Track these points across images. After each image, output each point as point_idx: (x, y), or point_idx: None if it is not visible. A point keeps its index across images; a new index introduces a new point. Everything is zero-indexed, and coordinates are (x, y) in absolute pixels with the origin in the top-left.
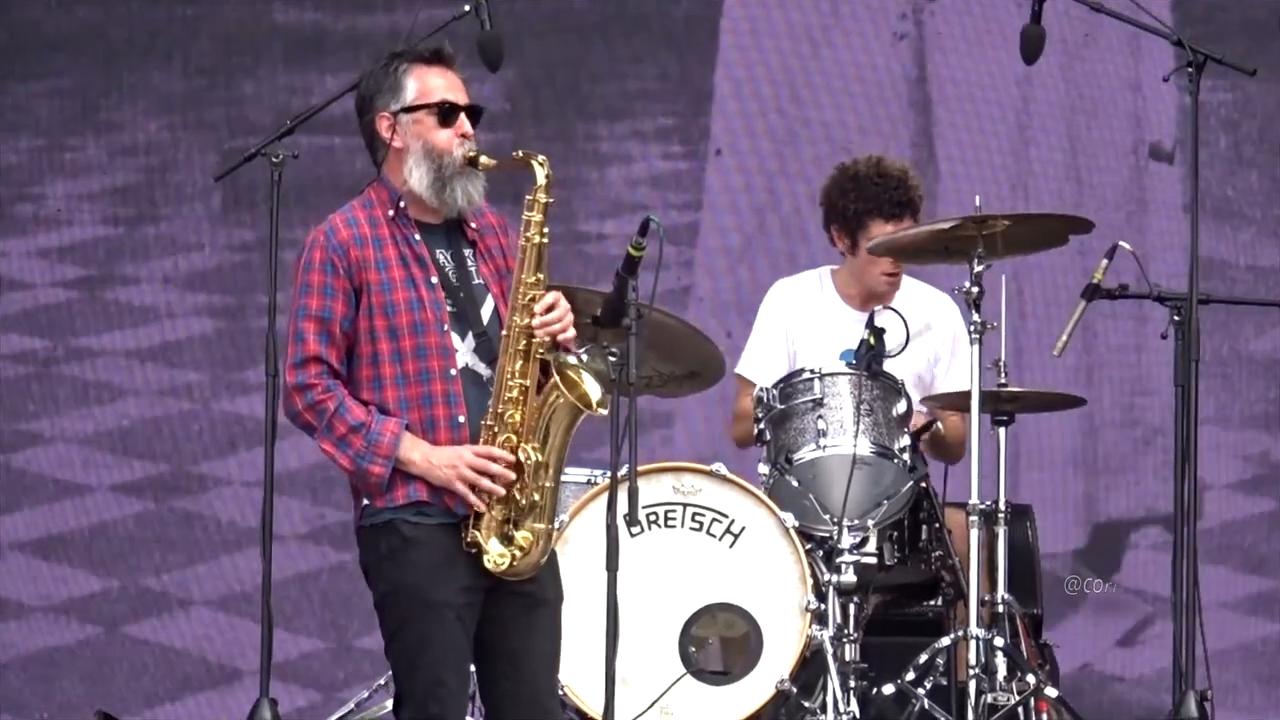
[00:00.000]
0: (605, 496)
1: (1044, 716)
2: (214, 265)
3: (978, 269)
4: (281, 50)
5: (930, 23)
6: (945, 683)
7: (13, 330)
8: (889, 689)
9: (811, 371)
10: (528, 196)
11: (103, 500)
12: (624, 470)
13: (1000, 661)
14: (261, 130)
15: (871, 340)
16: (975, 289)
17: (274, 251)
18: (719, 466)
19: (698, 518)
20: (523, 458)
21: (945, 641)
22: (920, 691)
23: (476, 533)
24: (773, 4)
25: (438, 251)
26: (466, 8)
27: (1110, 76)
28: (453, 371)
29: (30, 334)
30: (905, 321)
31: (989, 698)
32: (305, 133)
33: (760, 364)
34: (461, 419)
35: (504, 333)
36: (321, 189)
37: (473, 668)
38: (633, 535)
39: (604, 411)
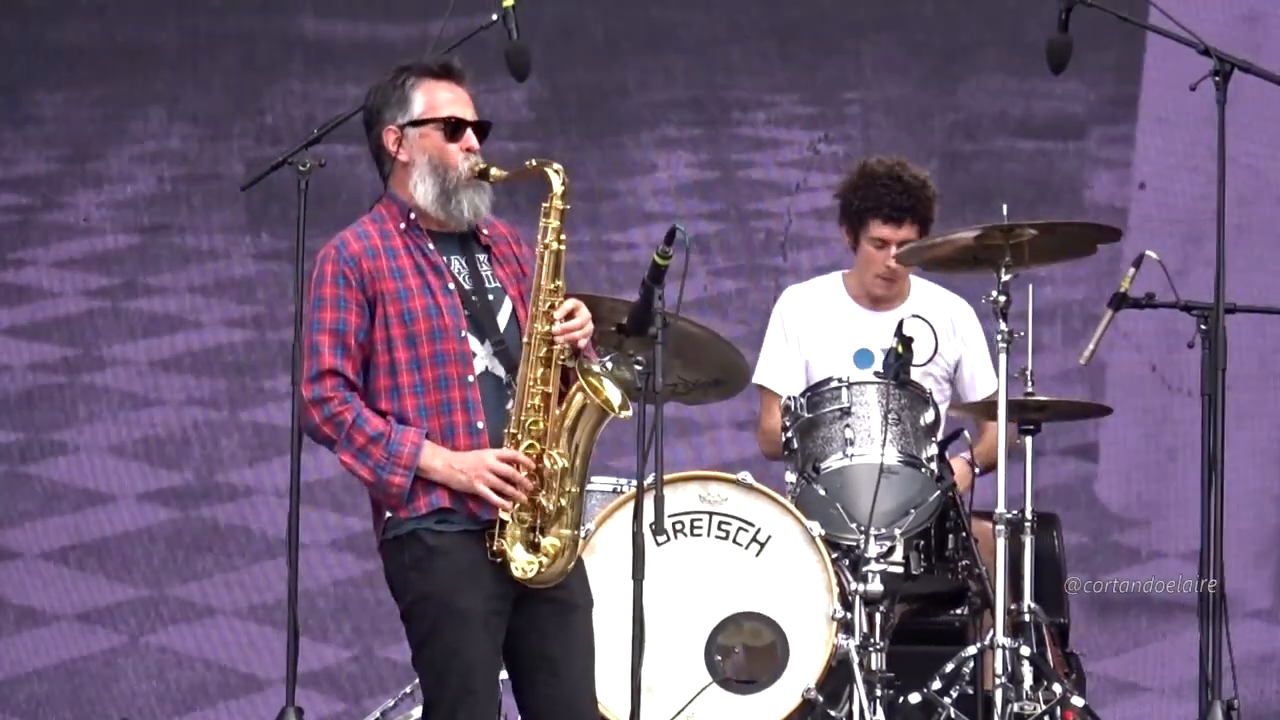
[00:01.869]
0: (631, 505)
1: None
2: (240, 274)
3: (1005, 278)
4: (307, 59)
5: None
6: (971, 692)
7: (39, 339)
8: (915, 698)
9: (839, 380)
10: (544, 204)
11: (129, 509)
12: (650, 479)
13: (1026, 671)
14: (287, 139)
15: (900, 349)
16: (1003, 298)
17: (300, 260)
18: (745, 475)
19: (724, 526)
20: (547, 464)
21: (972, 650)
22: (946, 700)
23: (502, 541)
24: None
25: (452, 258)
26: (494, 17)
27: None
28: (470, 378)
29: (57, 343)
30: (934, 330)
31: (1015, 707)
32: (331, 142)
33: (775, 371)
34: (480, 425)
35: (524, 340)
36: (348, 198)
37: (505, 676)
38: (659, 544)
39: (627, 414)
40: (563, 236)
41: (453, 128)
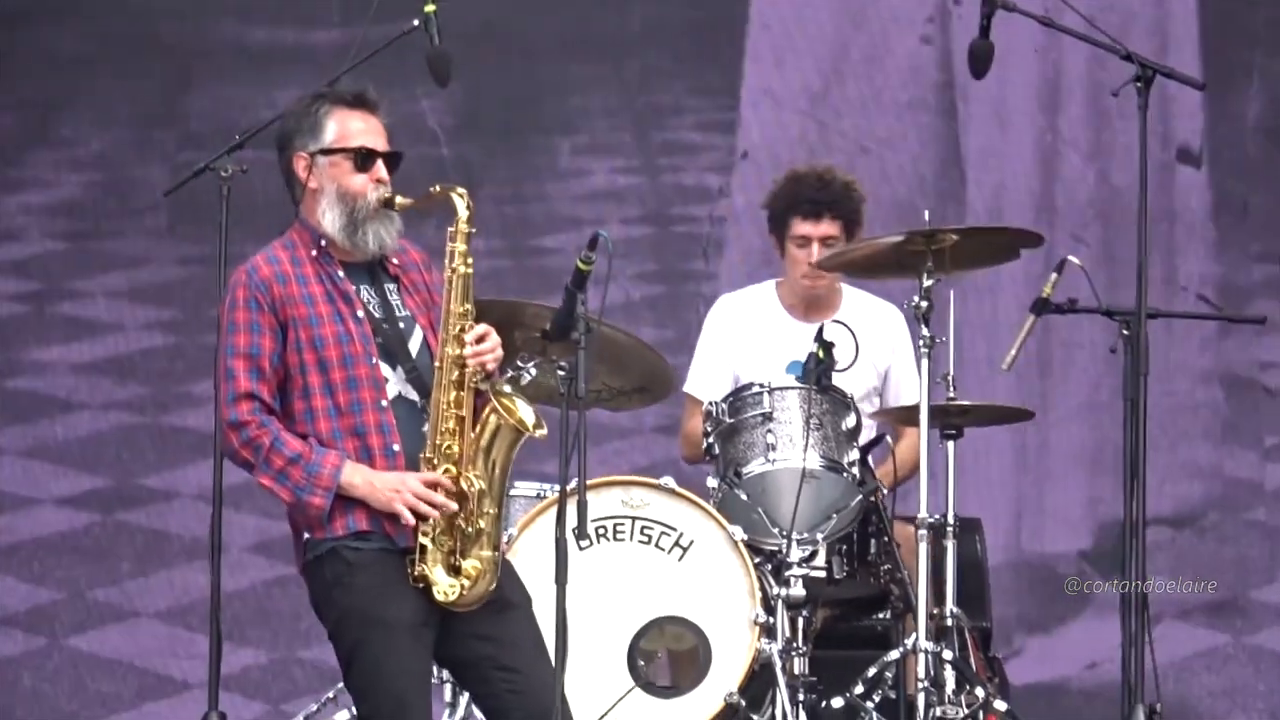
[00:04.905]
0: (554, 510)
1: None
2: (163, 280)
3: (927, 283)
4: (231, 65)
5: (957, 28)
6: (894, 696)
7: None
8: (838, 702)
9: (760, 385)
10: (449, 229)
11: (50, 513)
12: (573, 484)
13: (949, 675)
14: (211, 145)
15: (820, 354)
16: (925, 304)
17: (223, 266)
18: (668, 480)
19: (646, 531)
20: (465, 486)
21: (894, 655)
22: (869, 705)
23: (423, 566)
24: (802, 6)
25: (361, 287)
26: (415, 23)
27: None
28: (384, 402)
29: None
30: (854, 335)
31: (938, 711)
32: (254, 148)
33: (706, 381)
34: (396, 447)
35: (436, 364)
36: (270, 204)
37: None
38: (581, 549)
39: (542, 434)
40: (469, 260)
41: (363, 158)
